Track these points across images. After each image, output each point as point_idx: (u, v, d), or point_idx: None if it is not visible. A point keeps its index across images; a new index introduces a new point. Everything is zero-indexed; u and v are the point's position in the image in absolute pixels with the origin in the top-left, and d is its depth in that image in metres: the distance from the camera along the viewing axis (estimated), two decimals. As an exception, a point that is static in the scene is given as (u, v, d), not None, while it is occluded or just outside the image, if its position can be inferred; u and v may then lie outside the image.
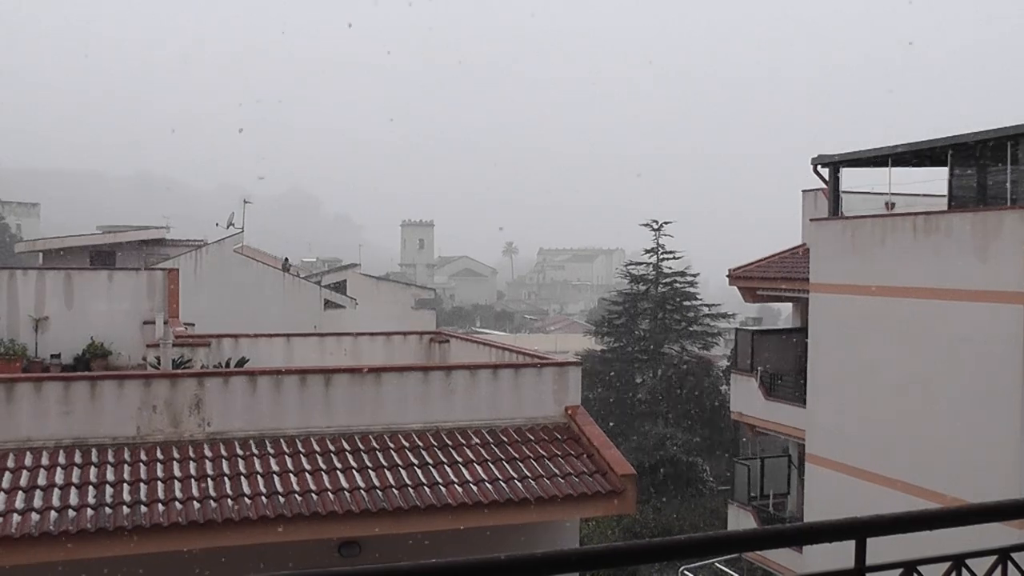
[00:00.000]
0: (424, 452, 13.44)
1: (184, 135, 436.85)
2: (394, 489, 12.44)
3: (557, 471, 13.36)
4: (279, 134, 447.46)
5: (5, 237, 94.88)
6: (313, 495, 12.12)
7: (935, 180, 24.95)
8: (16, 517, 11.04)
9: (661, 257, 51.23)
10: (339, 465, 12.86)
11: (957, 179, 23.09)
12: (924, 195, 26.88)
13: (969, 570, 3.03)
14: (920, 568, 2.97)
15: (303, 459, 12.93)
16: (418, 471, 12.92)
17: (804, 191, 30.43)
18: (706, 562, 31.58)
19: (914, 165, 25.95)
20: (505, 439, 14.06)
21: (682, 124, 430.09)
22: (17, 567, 10.80)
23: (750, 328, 36.45)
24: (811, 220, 26.86)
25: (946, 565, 3.03)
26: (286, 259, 46.98)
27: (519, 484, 12.93)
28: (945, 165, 23.11)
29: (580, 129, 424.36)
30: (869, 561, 2.95)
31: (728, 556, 30.11)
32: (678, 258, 52.05)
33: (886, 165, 25.11)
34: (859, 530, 2.94)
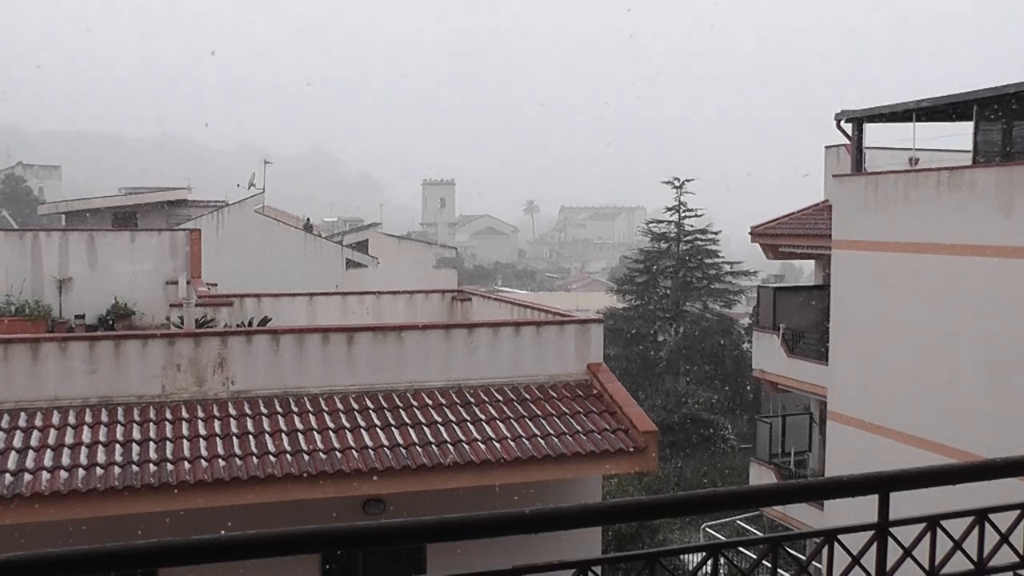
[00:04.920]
0: (447, 410, 13.50)
1: (205, 97, 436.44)
2: (418, 447, 12.51)
3: (579, 428, 13.41)
4: (300, 94, 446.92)
5: (28, 199, 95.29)
6: (337, 453, 12.21)
7: (960, 135, 24.70)
8: (45, 475, 11.17)
9: (683, 215, 51.01)
10: (363, 423, 12.94)
11: (982, 133, 22.83)
12: (948, 150, 26.63)
13: (992, 524, 3.03)
14: (943, 522, 2.98)
15: (327, 417, 13.01)
16: (441, 429, 12.99)
17: (827, 147, 30.17)
18: (727, 519, 31.71)
19: (938, 120, 25.66)
20: (527, 396, 14.11)
21: (704, 81, 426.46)
22: (46, 524, 10.95)
23: (772, 286, 36.31)
24: (834, 176, 26.66)
25: (969, 520, 3.03)
26: (308, 219, 47.07)
27: (541, 441, 12.98)
28: (970, 120, 22.86)
29: (601, 87, 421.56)
30: (892, 516, 2.96)
31: (749, 513, 30.23)
32: (699, 215, 51.82)
33: (910, 120, 24.85)
34: (882, 484, 2.94)
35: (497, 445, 12.77)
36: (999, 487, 3.10)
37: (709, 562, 2.73)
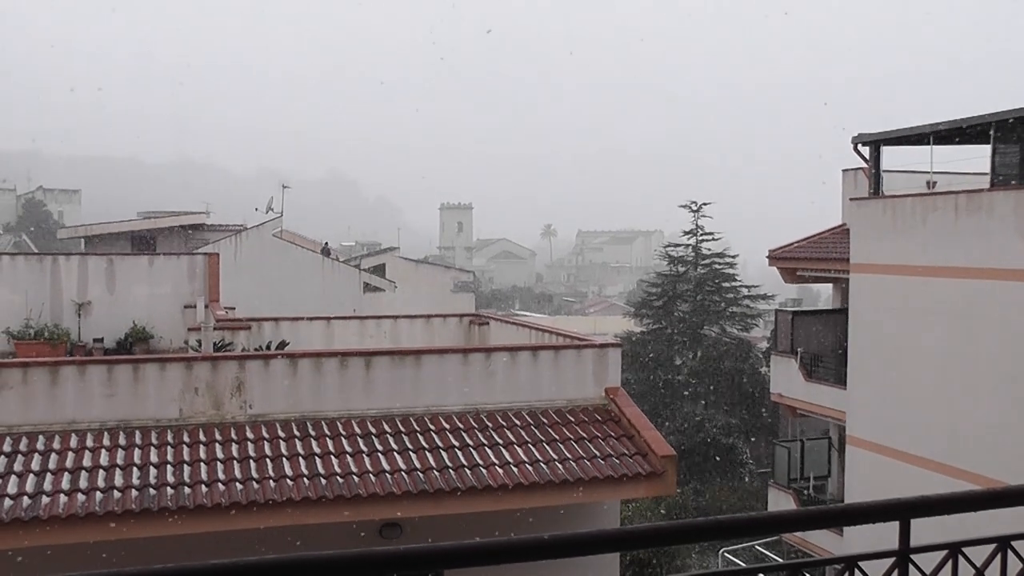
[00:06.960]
0: (464, 434, 13.47)
1: (223, 121, 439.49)
2: (435, 471, 12.49)
3: (597, 453, 13.36)
4: (318, 118, 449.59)
5: (48, 223, 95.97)
6: (354, 477, 12.19)
7: (978, 158, 24.65)
8: (63, 498, 11.19)
9: (700, 239, 50.93)
10: (380, 447, 12.92)
11: (1000, 156, 22.78)
12: (966, 173, 26.56)
13: (1015, 552, 3.01)
14: (964, 550, 2.95)
15: (344, 441, 13.00)
16: (459, 453, 12.96)
17: (844, 170, 30.16)
18: (746, 544, 31.51)
19: (956, 143, 25.62)
20: (545, 421, 14.07)
21: (720, 105, 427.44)
22: (64, 547, 10.96)
23: (790, 309, 36.20)
24: (851, 200, 26.62)
25: (991, 547, 3.00)
26: (326, 243, 47.24)
27: (559, 466, 12.94)
28: (988, 143, 22.81)
29: (617, 111, 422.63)
30: (912, 543, 2.93)
31: (768, 539, 30.04)
32: (717, 239, 51.72)
33: (927, 143, 24.83)
34: (903, 511, 2.92)
35: (515, 469, 12.73)
36: (1022, 514, 3.07)
37: (728, 589, 2.71)
